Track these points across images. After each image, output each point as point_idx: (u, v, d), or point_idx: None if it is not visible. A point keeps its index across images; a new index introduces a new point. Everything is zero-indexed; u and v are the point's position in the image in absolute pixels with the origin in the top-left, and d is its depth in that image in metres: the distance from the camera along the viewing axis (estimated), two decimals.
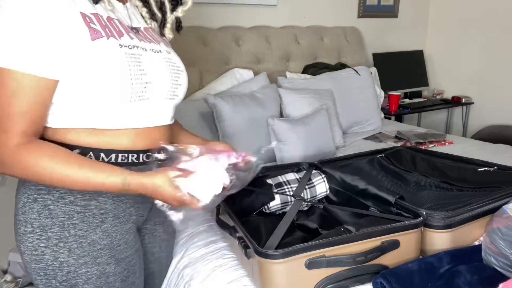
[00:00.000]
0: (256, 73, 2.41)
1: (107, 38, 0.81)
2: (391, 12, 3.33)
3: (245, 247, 0.99)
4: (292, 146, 1.95)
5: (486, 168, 1.45)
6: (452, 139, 2.43)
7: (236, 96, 2.03)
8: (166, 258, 1.15)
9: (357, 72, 2.59)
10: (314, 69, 2.67)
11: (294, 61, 2.73)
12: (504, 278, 0.95)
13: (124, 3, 0.93)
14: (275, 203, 1.28)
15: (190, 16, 2.63)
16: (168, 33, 1.04)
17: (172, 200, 0.83)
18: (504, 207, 1.08)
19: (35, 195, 0.84)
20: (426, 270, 0.98)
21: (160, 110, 0.92)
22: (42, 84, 0.76)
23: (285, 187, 1.33)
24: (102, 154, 0.85)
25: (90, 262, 0.86)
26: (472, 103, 3.34)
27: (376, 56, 3.15)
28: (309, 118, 2.06)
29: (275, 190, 1.31)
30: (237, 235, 1.06)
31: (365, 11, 3.16)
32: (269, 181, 1.35)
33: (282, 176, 1.37)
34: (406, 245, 1.03)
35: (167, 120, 0.95)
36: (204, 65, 2.37)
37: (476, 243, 1.13)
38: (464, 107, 3.37)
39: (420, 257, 1.07)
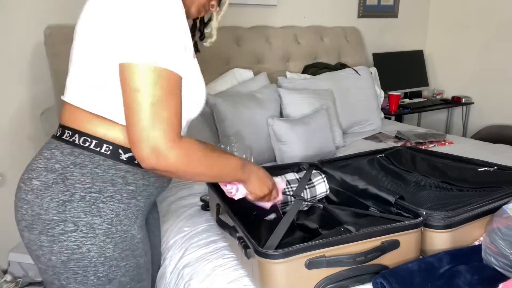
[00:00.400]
0: (256, 73, 2.41)
1: (193, 58, 0.93)
2: (391, 12, 3.33)
3: (245, 247, 0.99)
4: (292, 146, 1.95)
5: (486, 168, 1.45)
6: (452, 139, 2.43)
7: (236, 96, 2.03)
8: (158, 240, 1.24)
9: (357, 72, 2.59)
10: (314, 69, 2.67)
11: (294, 61, 2.73)
12: (504, 278, 0.95)
13: None
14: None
15: None
16: None
17: (269, 186, 1.08)
18: (504, 207, 1.08)
19: (82, 194, 0.85)
20: (426, 270, 0.98)
21: None
22: (181, 85, 0.84)
23: (285, 187, 1.33)
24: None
25: (130, 255, 0.92)
26: (472, 103, 3.34)
27: (376, 56, 3.15)
28: (309, 118, 2.06)
29: None
30: (237, 235, 1.06)
31: (365, 11, 3.16)
32: None
33: (282, 176, 1.37)
34: (406, 245, 1.03)
35: None
36: (205, 65, 2.37)
37: (476, 243, 1.13)
38: (464, 107, 3.37)
39: (420, 257, 1.07)
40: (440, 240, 1.08)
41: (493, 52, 3.19)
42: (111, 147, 0.87)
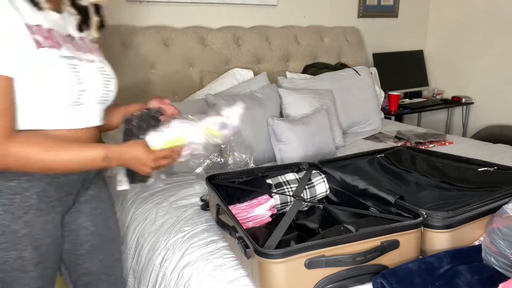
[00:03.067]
0: (256, 73, 2.41)
1: (49, 48, 0.93)
2: (391, 12, 3.33)
3: (245, 246, 0.99)
4: (292, 146, 1.95)
5: (486, 168, 1.44)
6: (452, 139, 2.43)
7: (236, 96, 2.03)
8: (108, 229, 1.22)
9: (357, 72, 2.59)
10: (314, 69, 2.67)
11: (294, 61, 2.73)
12: (504, 278, 0.95)
13: (60, 13, 1.02)
14: (275, 203, 1.28)
15: (190, 16, 2.64)
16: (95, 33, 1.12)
17: (148, 163, 0.99)
18: (504, 207, 1.08)
19: None
20: (426, 270, 0.98)
21: (92, 113, 1.05)
22: (9, 83, 0.87)
23: (285, 187, 1.33)
24: None
25: (9, 248, 0.96)
26: (472, 103, 3.34)
27: (376, 56, 3.15)
28: (309, 118, 2.06)
29: (275, 190, 1.31)
30: (237, 235, 1.06)
31: (365, 11, 3.16)
32: (269, 181, 1.35)
33: (282, 176, 1.37)
34: (406, 245, 1.03)
35: (98, 121, 1.07)
36: (204, 65, 2.37)
37: (476, 243, 1.13)
38: (464, 107, 3.37)
39: (420, 257, 1.07)
40: (440, 240, 1.08)
41: (493, 52, 3.19)
42: None
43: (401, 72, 3.31)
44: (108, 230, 1.24)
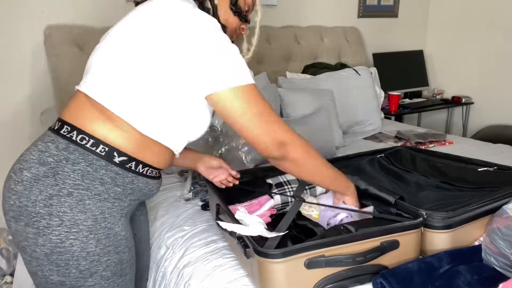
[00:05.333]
0: (256, 73, 2.41)
1: None
2: (391, 12, 3.33)
3: (245, 246, 0.98)
4: None
5: (486, 168, 1.44)
6: (452, 139, 2.43)
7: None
8: (146, 235, 1.26)
9: (357, 72, 2.59)
10: (314, 69, 2.67)
11: (294, 61, 2.73)
12: (504, 278, 0.95)
13: None
14: (275, 203, 1.28)
15: None
16: None
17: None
18: (504, 207, 1.08)
19: (70, 189, 0.87)
20: (426, 270, 0.98)
21: None
22: None
23: (286, 187, 1.32)
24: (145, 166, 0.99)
25: (112, 251, 0.94)
26: (472, 103, 3.34)
27: (376, 56, 3.15)
28: (309, 118, 2.06)
29: (275, 190, 1.31)
30: (237, 235, 1.06)
31: (365, 11, 3.16)
32: (269, 180, 1.35)
33: (282, 176, 1.37)
34: (406, 246, 1.03)
35: None
36: None
37: (476, 243, 1.13)
38: (464, 107, 3.37)
39: (420, 257, 1.07)
40: (440, 240, 1.08)
41: (493, 52, 3.19)
42: (106, 149, 0.90)
43: (401, 72, 3.31)
44: (147, 235, 1.27)
